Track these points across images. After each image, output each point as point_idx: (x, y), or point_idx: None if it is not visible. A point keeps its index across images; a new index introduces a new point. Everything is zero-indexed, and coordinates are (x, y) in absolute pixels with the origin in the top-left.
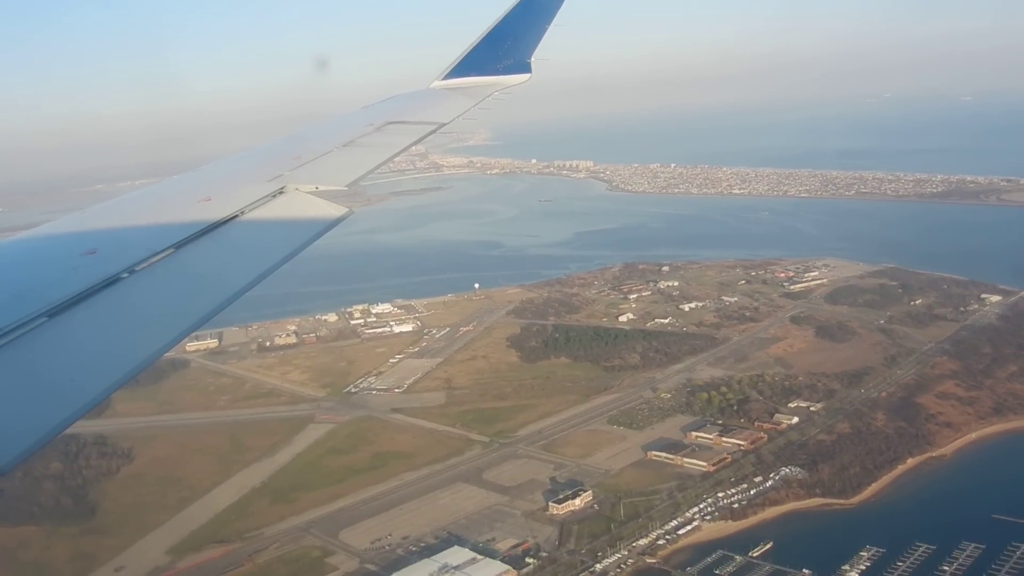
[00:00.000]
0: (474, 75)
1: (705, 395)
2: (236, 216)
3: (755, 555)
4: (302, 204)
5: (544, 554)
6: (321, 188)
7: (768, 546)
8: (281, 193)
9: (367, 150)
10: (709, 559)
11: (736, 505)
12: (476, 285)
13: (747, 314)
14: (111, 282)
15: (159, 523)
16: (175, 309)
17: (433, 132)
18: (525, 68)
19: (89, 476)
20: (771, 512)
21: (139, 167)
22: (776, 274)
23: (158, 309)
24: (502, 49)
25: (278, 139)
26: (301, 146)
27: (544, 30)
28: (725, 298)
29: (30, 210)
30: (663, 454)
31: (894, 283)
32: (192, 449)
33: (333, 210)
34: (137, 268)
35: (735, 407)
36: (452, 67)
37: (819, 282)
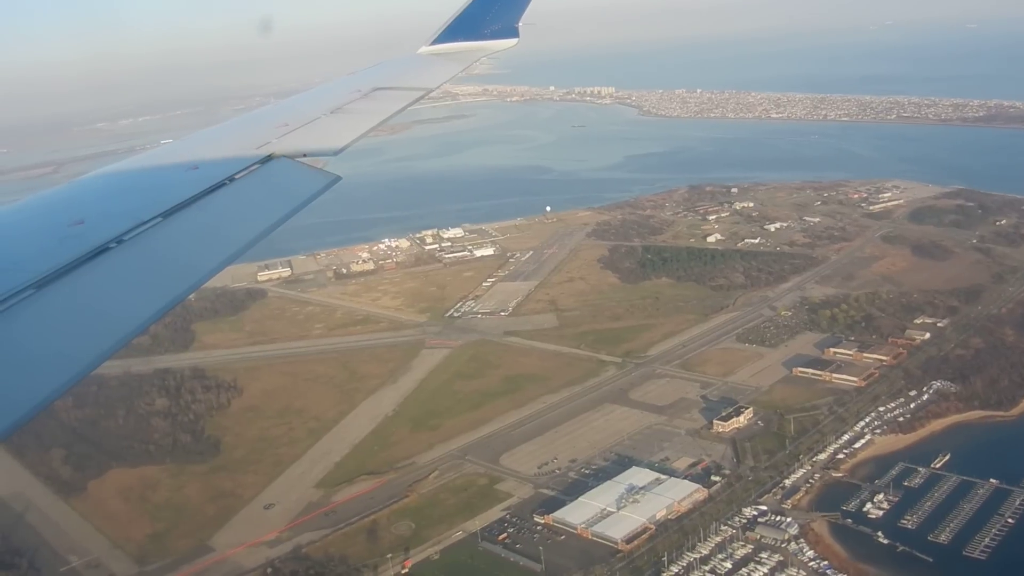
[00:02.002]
0: (461, 40)
1: (828, 312)
2: (224, 184)
3: (937, 466)
4: (290, 171)
5: (726, 472)
6: (308, 155)
7: (946, 457)
8: (269, 160)
9: (354, 116)
10: (893, 471)
11: (901, 419)
12: (547, 208)
13: (836, 234)
14: (99, 252)
15: (295, 457)
16: (163, 278)
17: (421, 98)
18: (513, 33)
19: (200, 411)
20: (937, 425)
21: (140, 105)
22: (849, 195)
23: (146, 278)
24: (489, 14)
25: (265, 107)
26: (288, 113)
27: None
28: (807, 218)
29: (35, 151)
30: (809, 370)
31: (971, 204)
32: (303, 379)
33: (321, 176)
34: (125, 238)
35: (862, 324)
36: (439, 33)
37: (896, 203)
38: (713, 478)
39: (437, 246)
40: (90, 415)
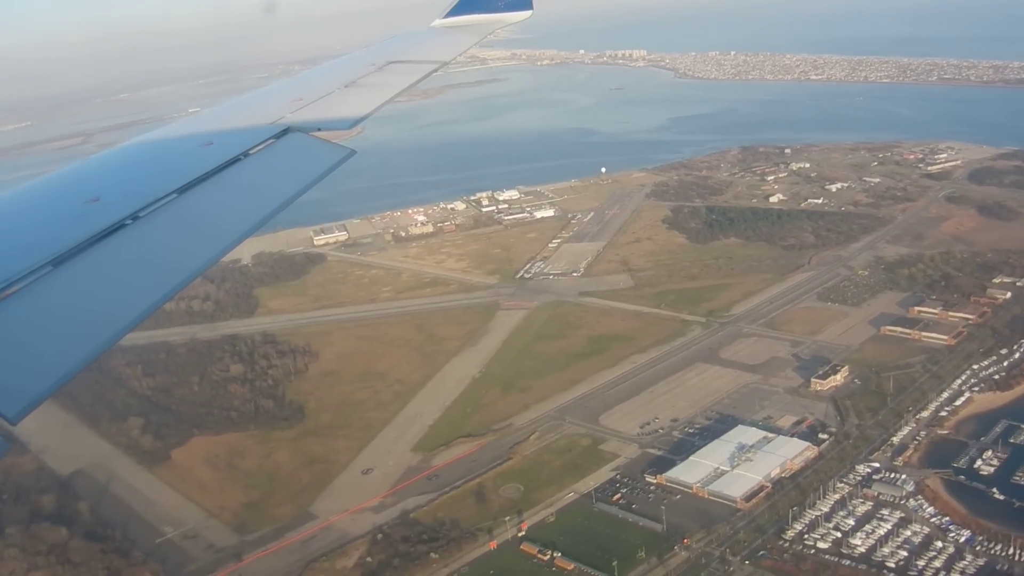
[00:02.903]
0: (475, 13)
1: (906, 271)
2: (239, 159)
3: None
4: (305, 145)
5: (832, 430)
6: (323, 129)
7: None
8: (284, 135)
9: (368, 90)
10: (997, 428)
11: (996, 376)
12: (603, 169)
13: (898, 194)
14: (115, 229)
15: (385, 421)
16: (180, 254)
17: (435, 71)
18: (526, 4)
19: (278, 377)
20: None
21: (160, 76)
22: (905, 156)
23: (163, 254)
24: None
25: (280, 81)
26: (303, 88)
27: None
28: (866, 179)
29: (60, 123)
30: (897, 329)
31: None
32: (379, 342)
33: (335, 150)
34: (141, 215)
35: (941, 283)
36: (453, 5)
37: (953, 163)
38: (820, 436)
39: (494, 208)
40: (162, 383)
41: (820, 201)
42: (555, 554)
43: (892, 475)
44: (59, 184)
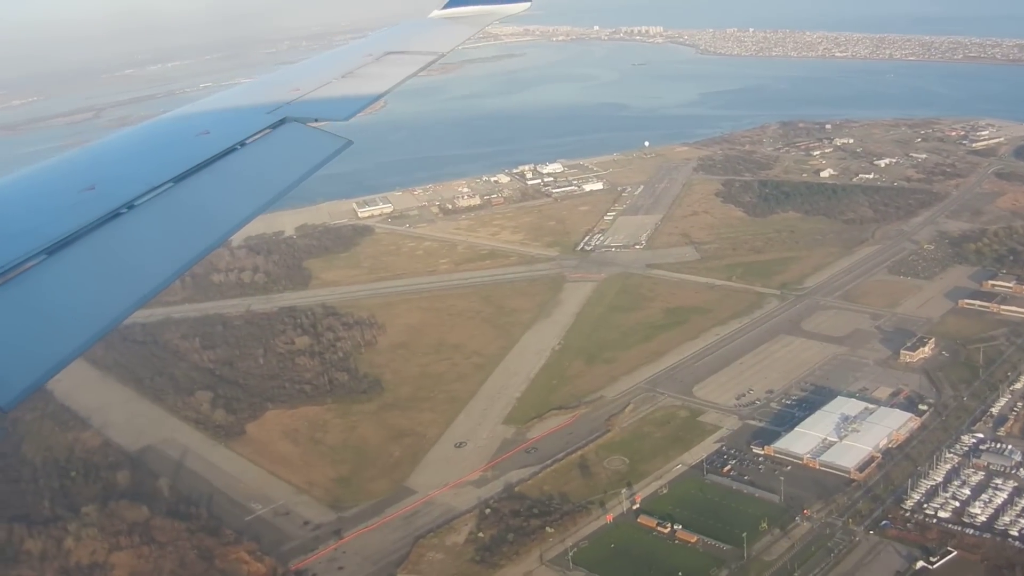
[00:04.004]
0: (473, 4)
1: (972, 246)
2: (235, 148)
3: None
4: (301, 135)
5: (930, 401)
6: (320, 119)
7: None
8: (281, 125)
9: (366, 81)
10: None
11: None
12: (646, 143)
13: (947, 170)
14: (111, 217)
15: (469, 393)
16: (175, 242)
17: (433, 63)
18: None
19: (347, 349)
20: None
21: (165, 52)
22: (946, 133)
23: (158, 243)
24: None
25: (277, 71)
26: (300, 78)
27: None
28: (913, 155)
29: (67, 98)
30: (976, 302)
31: None
32: (446, 314)
33: (332, 140)
34: (136, 203)
35: (1010, 258)
36: None
37: (996, 140)
38: (920, 407)
39: (539, 181)
40: (224, 356)
41: (871, 176)
42: (675, 526)
43: (998, 445)
44: (55, 172)
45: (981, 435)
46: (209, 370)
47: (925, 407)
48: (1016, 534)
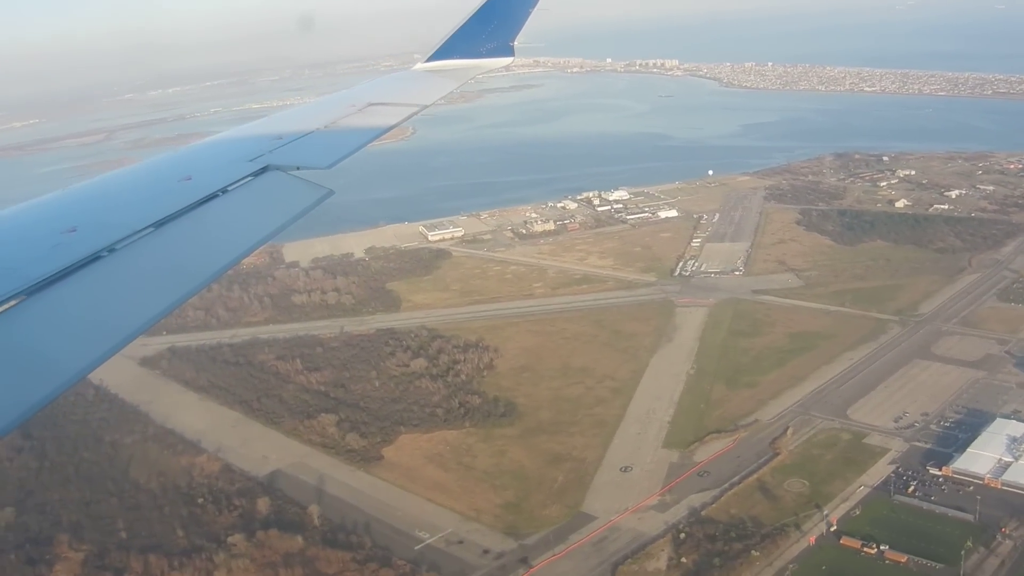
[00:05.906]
0: (457, 58)
1: None
2: (217, 195)
3: None
4: (283, 183)
5: None
6: (302, 168)
7: None
8: (263, 172)
9: (348, 131)
10: None
11: None
12: (709, 172)
13: (1020, 201)
14: (91, 260)
15: (616, 417)
16: (155, 287)
17: (415, 114)
18: (508, 51)
19: (468, 372)
20: None
21: (166, 77)
22: (1005, 166)
23: (138, 287)
24: (486, 32)
25: (260, 120)
26: (283, 126)
27: (527, 14)
28: (980, 187)
29: (68, 120)
30: None
31: None
32: (560, 338)
33: (313, 189)
34: (117, 246)
35: None
36: (436, 50)
37: None
38: None
39: (609, 208)
40: (332, 378)
41: (946, 207)
42: (881, 547)
43: None
44: (36, 213)
45: None
46: (322, 392)
47: None
48: None
